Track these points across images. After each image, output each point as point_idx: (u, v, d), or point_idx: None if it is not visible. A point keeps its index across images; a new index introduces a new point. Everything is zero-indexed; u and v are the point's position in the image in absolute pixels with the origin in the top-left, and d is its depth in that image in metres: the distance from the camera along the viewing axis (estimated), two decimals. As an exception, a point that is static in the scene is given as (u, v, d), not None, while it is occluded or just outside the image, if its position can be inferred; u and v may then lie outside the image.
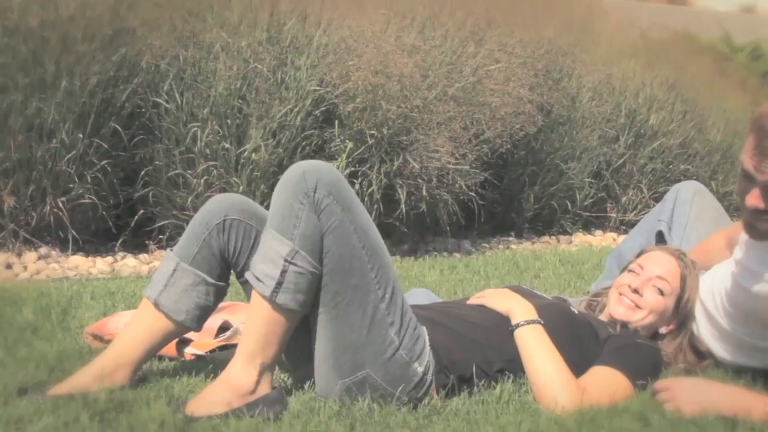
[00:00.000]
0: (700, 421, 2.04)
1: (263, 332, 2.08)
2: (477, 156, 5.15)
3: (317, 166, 2.11)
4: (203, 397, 2.05)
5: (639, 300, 2.57)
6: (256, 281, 2.07)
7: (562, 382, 2.20)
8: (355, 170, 4.96)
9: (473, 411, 2.09)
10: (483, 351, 2.27)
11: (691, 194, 3.21)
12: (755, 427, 2.00)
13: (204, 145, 4.74)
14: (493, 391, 2.20)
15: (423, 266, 4.26)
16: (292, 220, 2.06)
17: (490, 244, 5.67)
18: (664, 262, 2.64)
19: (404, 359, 2.10)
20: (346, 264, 2.07)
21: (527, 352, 2.27)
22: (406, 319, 2.13)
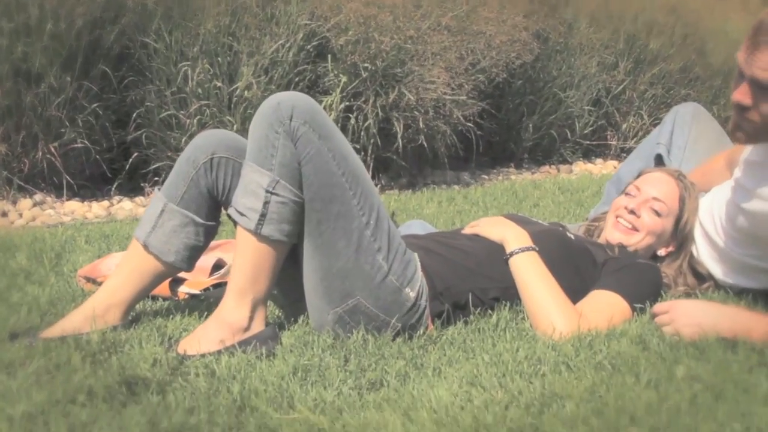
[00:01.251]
0: (699, 343, 2.01)
1: (252, 266, 2.04)
2: (473, 86, 5.07)
3: (292, 96, 2.07)
4: (196, 336, 2.02)
5: (636, 221, 2.54)
6: (240, 216, 2.04)
7: (558, 307, 2.17)
8: (350, 104, 4.89)
9: (469, 339, 2.06)
10: (477, 279, 2.23)
11: (690, 116, 3.15)
12: (755, 347, 1.97)
13: (195, 85, 4.67)
14: (490, 319, 2.17)
15: (421, 199, 4.22)
16: (269, 150, 2.02)
17: (489, 176, 5.62)
18: (662, 183, 2.60)
19: (395, 284, 2.07)
20: (327, 192, 2.04)
21: (522, 280, 2.24)
22: (394, 244, 2.10)
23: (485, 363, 1.89)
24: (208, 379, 1.82)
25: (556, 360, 1.91)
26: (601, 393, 1.73)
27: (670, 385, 1.76)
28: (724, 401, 1.67)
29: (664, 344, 2.01)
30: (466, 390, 1.75)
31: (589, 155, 6.42)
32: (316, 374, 1.84)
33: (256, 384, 1.78)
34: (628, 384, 1.77)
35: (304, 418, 1.62)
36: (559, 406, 1.65)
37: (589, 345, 2.01)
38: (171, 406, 1.68)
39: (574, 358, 1.92)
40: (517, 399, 1.69)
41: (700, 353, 1.97)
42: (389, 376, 1.84)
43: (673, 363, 1.90)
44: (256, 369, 1.87)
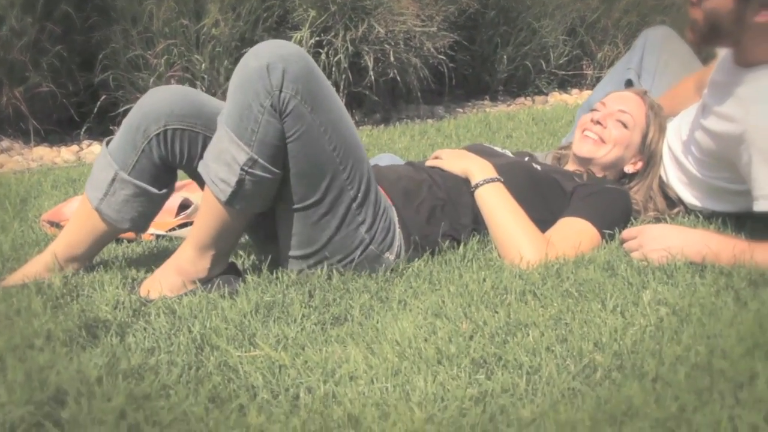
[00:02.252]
0: (667, 267, 2.00)
1: (216, 227, 1.94)
2: (444, 17, 4.98)
3: (283, 57, 1.84)
4: (156, 279, 1.98)
5: (602, 132, 2.51)
6: (211, 183, 1.91)
7: (525, 235, 2.14)
8: (320, 39, 4.81)
9: (436, 271, 2.03)
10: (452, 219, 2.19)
11: (660, 39, 3.10)
12: (723, 270, 1.96)
13: (162, 24, 4.57)
14: (457, 251, 2.15)
15: (393, 133, 4.17)
16: (251, 123, 1.85)
17: (464, 109, 5.56)
18: (627, 98, 2.58)
19: (375, 252, 2.03)
20: (316, 170, 1.92)
21: (488, 210, 2.21)
22: (380, 212, 2.03)
23: (451, 294, 1.87)
24: (168, 319, 1.79)
25: (522, 289, 1.89)
26: (567, 320, 1.71)
27: (636, 310, 1.75)
28: (689, 324, 1.66)
29: (632, 270, 1.99)
30: (431, 321, 1.73)
31: (564, 86, 6.36)
32: (279, 311, 1.82)
33: (217, 322, 1.75)
34: (594, 310, 1.76)
35: (264, 354, 1.60)
36: (524, 335, 1.63)
37: (557, 273, 1.99)
38: (130, 348, 1.66)
39: (541, 287, 1.90)
40: (481, 329, 1.67)
41: (668, 277, 1.96)
42: (353, 310, 1.82)
43: (641, 288, 1.88)
44: (217, 308, 1.84)
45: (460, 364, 1.52)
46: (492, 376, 1.48)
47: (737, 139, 2.14)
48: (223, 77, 4.65)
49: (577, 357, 1.53)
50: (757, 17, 2.10)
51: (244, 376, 1.53)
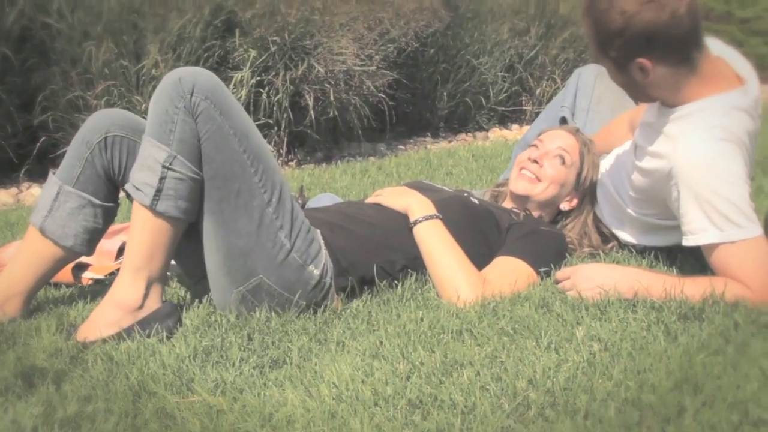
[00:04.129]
0: (601, 303, 2.04)
1: (147, 244, 2.00)
2: (384, 56, 5.04)
3: (193, 72, 2.01)
4: (92, 321, 1.98)
5: (539, 171, 2.56)
6: (135, 191, 1.99)
7: (462, 274, 2.17)
8: (261, 79, 4.83)
9: (374, 311, 2.05)
10: (384, 251, 2.23)
11: (592, 77, 3.18)
12: (655, 305, 2.00)
13: (101, 65, 4.56)
14: (396, 290, 2.17)
15: (335, 172, 4.19)
16: (168, 125, 1.97)
17: (406, 146, 5.62)
18: (562, 136, 2.64)
19: (298, 262, 2.05)
20: (228, 169, 2.00)
21: (427, 248, 2.24)
22: (297, 222, 2.07)
23: (389, 334, 1.89)
24: (106, 365, 1.79)
25: (459, 327, 1.92)
26: (502, 358, 1.74)
27: (570, 347, 1.79)
28: (620, 359, 1.70)
29: (567, 306, 2.03)
30: (368, 363, 1.74)
31: (504, 121, 6.46)
32: (217, 355, 1.82)
33: (154, 368, 1.75)
34: (529, 347, 1.79)
35: (202, 400, 1.60)
36: (459, 374, 1.65)
37: (493, 311, 2.02)
38: (67, 396, 1.64)
39: (478, 325, 1.93)
40: (418, 369, 1.69)
41: (602, 313, 2.00)
42: (292, 352, 1.82)
43: (574, 324, 1.92)
44: (155, 353, 1.83)
45: (396, 405, 1.54)
46: (428, 416, 1.50)
47: (666, 176, 2.20)
48: (163, 117, 4.64)
49: (511, 395, 1.56)
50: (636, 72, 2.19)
51: (182, 423, 1.53)
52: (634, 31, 2.11)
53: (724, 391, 1.53)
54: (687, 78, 2.20)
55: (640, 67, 2.17)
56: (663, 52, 2.14)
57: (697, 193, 2.11)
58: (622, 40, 2.14)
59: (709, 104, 2.20)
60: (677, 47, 2.14)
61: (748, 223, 2.07)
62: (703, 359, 1.68)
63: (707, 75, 2.20)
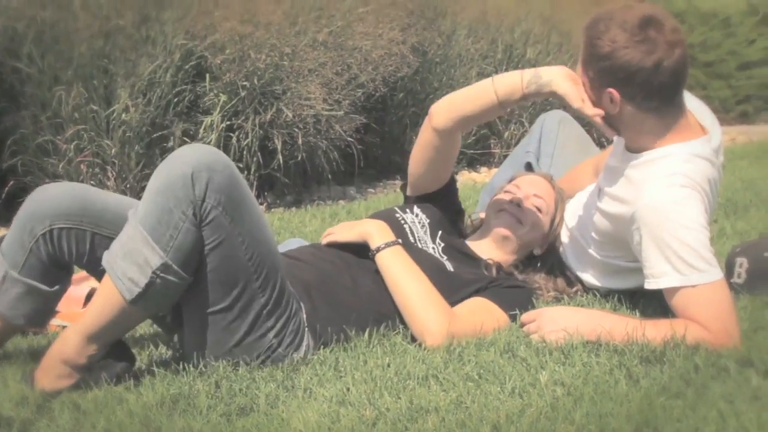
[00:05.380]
0: (565, 348, 2.07)
1: (111, 321, 1.94)
2: (352, 101, 5.10)
3: (208, 166, 1.87)
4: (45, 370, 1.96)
5: (520, 213, 2.55)
6: (117, 279, 1.90)
7: (431, 305, 2.19)
8: (231, 123, 4.87)
9: (341, 357, 2.07)
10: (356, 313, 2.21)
11: (556, 123, 3.23)
12: (618, 349, 2.04)
13: (71, 109, 4.58)
14: (362, 336, 2.19)
15: (304, 216, 4.22)
16: (170, 230, 1.87)
17: (375, 189, 5.66)
18: (539, 183, 2.65)
19: (282, 354, 2.04)
20: (230, 278, 1.94)
21: (392, 278, 2.24)
22: (290, 317, 2.05)
23: (355, 381, 1.91)
24: (73, 414, 1.79)
25: (425, 373, 1.94)
26: (467, 403, 1.76)
27: (534, 391, 1.81)
28: (582, 403, 1.72)
29: (531, 351, 2.06)
30: (335, 410, 1.76)
31: (473, 164, 6.52)
32: (185, 403, 1.83)
33: (122, 417, 1.75)
34: (493, 393, 1.81)
35: (169, 449, 1.61)
36: (424, 420, 1.68)
37: (459, 356, 2.04)
38: (33, 446, 1.65)
39: (443, 370, 1.95)
40: (384, 415, 1.71)
41: (565, 357, 2.03)
42: (259, 399, 1.84)
43: (539, 369, 1.95)
44: (122, 401, 1.84)
45: (362, 451, 1.55)
46: (393, 462, 1.52)
47: (629, 220, 2.25)
48: (133, 162, 4.66)
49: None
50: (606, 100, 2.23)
51: (149, 472, 1.54)
52: (615, 63, 2.17)
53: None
54: (653, 124, 2.26)
55: (610, 97, 2.23)
56: (634, 93, 2.21)
57: (658, 238, 2.16)
58: (602, 65, 2.20)
59: (672, 151, 2.26)
60: (649, 94, 2.20)
61: (708, 267, 2.12)
62: (663, 402, 1.72)
63: (673, 124, 2.26)
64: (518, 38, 6.81)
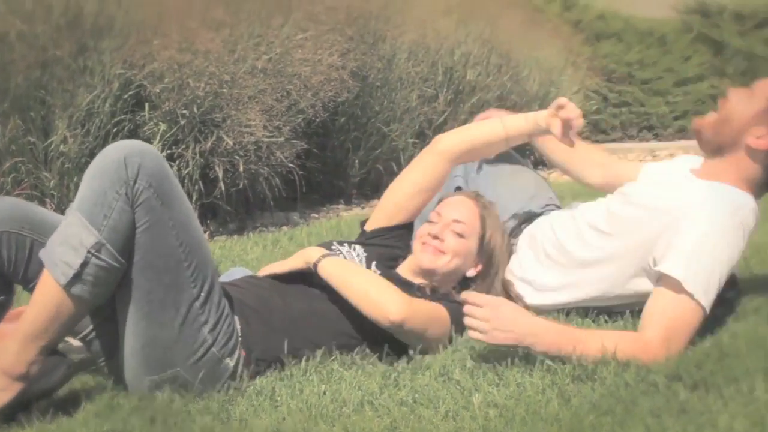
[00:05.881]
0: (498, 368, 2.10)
1: (48, 317, 1.95)
2: (293, 127, 5.12)
3: (140, 151, 1.97)
4: None
5: (441, 245, 2.57)
6: (52, 264, 1.94)
7: (386, 290, 2.24)
8: (171, 152, 4.85)
9: (277, 387, 2.07)
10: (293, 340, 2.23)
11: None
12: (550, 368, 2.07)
13: (8, 141, 4.52)
14: (299, 365, 2.20)
15: (246, 244, 4.22)
16: (104, 209, 1.93)
17: (319, 214, 5.67)
18: (461, 205, 2.66)
19: (216, 356, 2.06)
20: (161, 262, 1.98)
21: (339, 279, 2.28)
22: (223, 316, 2.08)
23: (291, 410, 1.92)
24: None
25: (361, 399, 1.95)
26: (401, 429, 1.78)
27: (467, 414, 1.84)
28: (514, 424, 1.75)
29: (465, 373, 2.08)
30: (270, 439, 1.76)
31: (417, 186, 6.55)
32: (119, 439, 1.82)
33: (53, 456, 1.74)
34: (427, 417, 1.83)
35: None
36: (358, 447, 1.69)
37: (395, 381, 2.06)
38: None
39: (379, 396, 1.97)
40: (318, 444, 1.72)
41: (499, 378, 2.05)
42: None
43: (473, 391, 1.97)
44: (55, 439, 1.83)
45: (295, 481, 1.56)
46: (326, 491, 1.53)
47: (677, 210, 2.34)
48: (72, 193, 4.61)
49: (407, 466, 1.60)
50: (750, 139, 2.35)
51: None
52: None
53: (609, 452, 1.59)
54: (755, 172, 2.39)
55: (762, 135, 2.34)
56: None
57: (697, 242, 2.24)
58: None
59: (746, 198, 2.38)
60: None
61: (706, 297, 2.20)
62: (593, 420, 1.75)
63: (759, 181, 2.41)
64: (458, 60, 6.87)
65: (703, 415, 1.75)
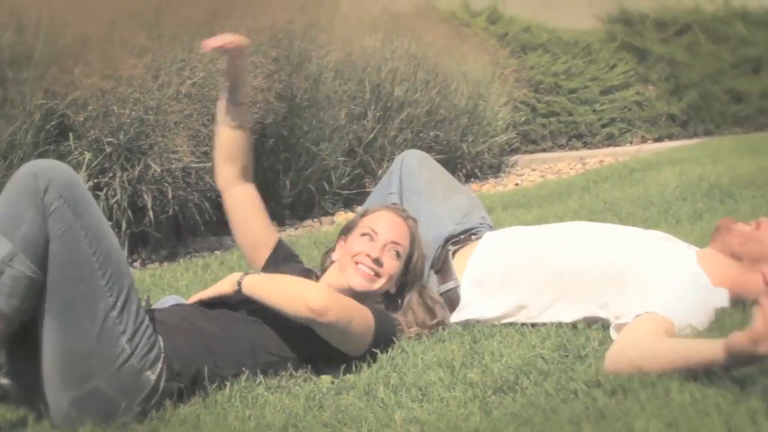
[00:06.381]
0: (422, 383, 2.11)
1: None
2: (221, 153, 5.09)
3: (51, 167, 2.04)
4: None
5: (379, 268, 2.58)
6: None
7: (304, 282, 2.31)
8: (98, 181, 4.80)
9: (201, 414, 2.07)
10: (214, 358, 2.25)
11: (416, 162, 3.28)
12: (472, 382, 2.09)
13: None
14: (224, 391, 2.19)
15: (176, 270, 4.18)
16: (16, 220, 1.98)
17: (252, 236, 5.63)
18: (396, 225, 2.68)
19: (136, 367, 2.05)
20: (75, 271, 2.01)
21: (261, 291, 2.32)
22: (141, 327, 2.09)
23: (214, 437, 1.91)
24: None
25: (285, 422, 1.96)
26: (324, 451, 1.79)
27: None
28: (434, 441, 1.77)
29: (389, 391, 2.10)
30: (192, 468, 1.76)
31: (350, 204, 6.57)
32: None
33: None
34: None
35: None
36: (279, 472, 1.69)
37: (319, 403, 2.07)
38: None
39: (303, 418, 1.97)
40: (242, 470, 1.72)
41: (423, 394, 2.07)
42: (116, 466, 1.82)
43: (395, 408, 1.99)
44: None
45: None
46: None
47: None
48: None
49: (328, 487, 1.61)
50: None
51: None
52: None
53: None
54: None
55: None
56: None
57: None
58: None
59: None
60: None
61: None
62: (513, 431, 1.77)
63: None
64: (385, 77, 6.91)
65: (620, 420, 1.78)
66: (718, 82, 9.94)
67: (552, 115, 9.91)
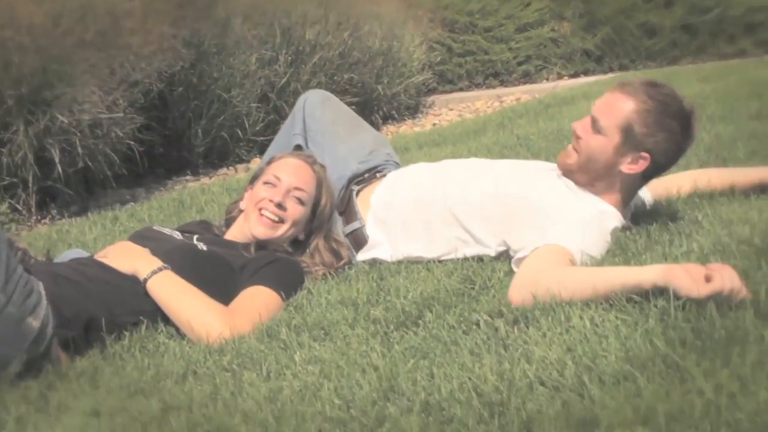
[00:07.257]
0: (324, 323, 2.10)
1: None
2: (131, 102, 4.98)
3: None
4: None
5: (283, 214, 2.58)
6: None
7: (207, 311, 2.19)
8: (0, 137, 4.65)
9: (100, 366, 2.03)
10: (108, 305, 2.20)
11: (319, 102, 3.24)
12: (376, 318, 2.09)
13: None
14: (123, 341, 2.15)
15: (84, 225, 4.09)
16: None
17: (166, 188, 5.55)
18: (301, 170, 2.67)
19: (15, 315, 1.98)
20: None
21: (164, 299, 2.25)
22: (13, 276, 2.00)
23: (111, 389, 1.88)
24: None
25: (185, 370, 1.93)
26: (224, 395, 1.76)
27: (288, 372, 1.83)
28: (332, 378, 1.76)
29: (291, 331, 2.08)
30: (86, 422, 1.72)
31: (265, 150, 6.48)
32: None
33: None
34: (249, 380, 1.82)
35: None
36: (175, 417, 1.67)
37: (220, 348, 2.04)
38: None
39: (203, 364, 1.95)
40: (137, 419, 1.69)
41: (325, 334, 2.06)
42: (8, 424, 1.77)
43: (297, 349, 1.97)
44: None
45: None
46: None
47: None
48: None
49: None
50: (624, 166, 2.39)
51: None
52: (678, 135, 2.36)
53: (421, 395, 1.62)
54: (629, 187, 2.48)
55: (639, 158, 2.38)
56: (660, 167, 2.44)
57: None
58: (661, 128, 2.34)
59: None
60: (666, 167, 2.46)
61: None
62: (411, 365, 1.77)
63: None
64: (296, 20, 6.81)
65: (520, 349, 1.79)
66: (631, 17, 9.99)
67: (468, 54, 9.90)
